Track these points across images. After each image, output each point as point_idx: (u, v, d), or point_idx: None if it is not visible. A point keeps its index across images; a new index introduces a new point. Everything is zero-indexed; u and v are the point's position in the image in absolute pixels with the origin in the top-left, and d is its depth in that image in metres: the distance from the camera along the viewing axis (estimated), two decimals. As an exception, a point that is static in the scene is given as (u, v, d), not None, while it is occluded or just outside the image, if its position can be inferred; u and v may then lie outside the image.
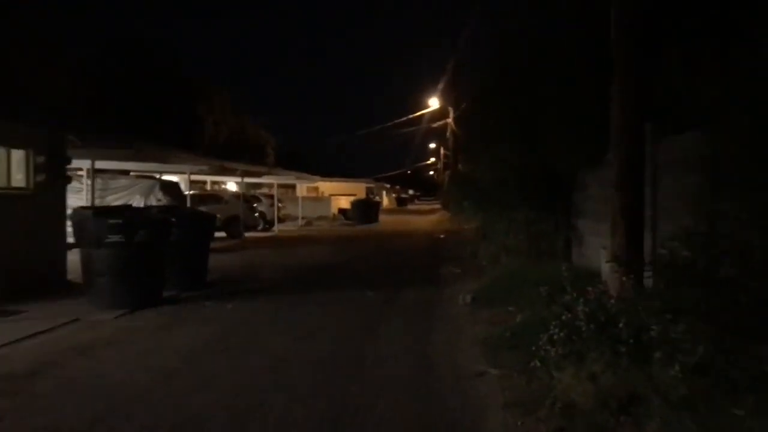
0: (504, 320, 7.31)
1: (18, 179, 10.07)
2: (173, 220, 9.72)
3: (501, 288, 9.01)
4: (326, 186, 48.61)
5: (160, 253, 8.94)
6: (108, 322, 7.94)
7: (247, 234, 24.25)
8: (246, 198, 25.32)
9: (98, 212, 9.28)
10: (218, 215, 24.14)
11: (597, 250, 9.34)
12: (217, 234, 23.51)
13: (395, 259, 15.89)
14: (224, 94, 32.27)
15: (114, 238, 8.34)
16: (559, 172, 10.03)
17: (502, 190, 10.35)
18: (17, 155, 10.04)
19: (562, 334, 4.61)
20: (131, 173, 19.61)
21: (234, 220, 23.25)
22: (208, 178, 28.11)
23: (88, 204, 17.70)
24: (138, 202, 17.76)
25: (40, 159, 10.31)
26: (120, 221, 8.44)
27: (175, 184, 18.62)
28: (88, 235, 8.52)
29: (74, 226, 9.24)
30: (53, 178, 10.66)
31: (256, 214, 25.36)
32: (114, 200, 17.69)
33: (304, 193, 45.94)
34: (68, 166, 11.36)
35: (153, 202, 17.84)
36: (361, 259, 15.80)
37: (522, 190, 10.20)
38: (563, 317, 4.73)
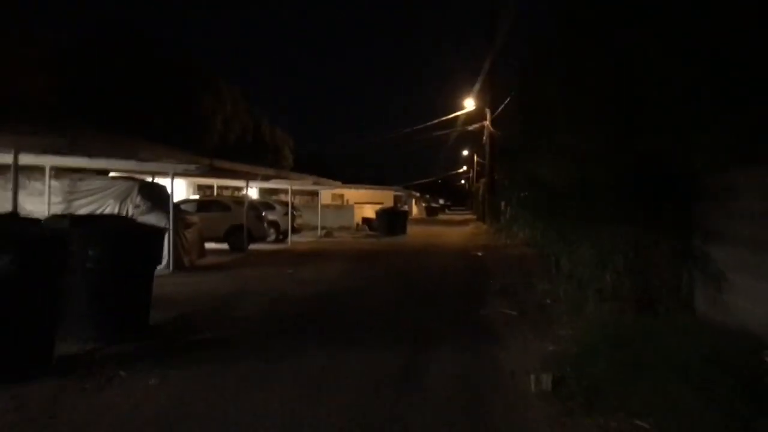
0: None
1: None
2: (85, 237, 6.40)
3: (601, 362, 5.44)
4: (351, 193, 45.31)
5: (39, 291, 5.54)
6: None
7: (255, 246, 21.01)
8: (253, 205, 22.05)
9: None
10: (220, 225, 21.26)
11: (752, 297, 5.79)
12: (218, 246, 20.39)
13: (424, 288, 12.34)
14: (235, 89, 29.09)
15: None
16: (673, 170, 6.49)
17: (581, 195, 6.76)
18: None
19: None
20: (111, 174, 16.44)
21: (237, 230, 20.02)
22: (215, 182, 24.96)
23: (53, 210, 14.66)
24: (112, 208, 14.56)
25: None
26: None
27: (159, 187, 15.36)
28: None
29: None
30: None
31: (265, 224, 22.05)
32: (82, 206, 14.50)
33: (328, 201, 42.77)
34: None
35: (130, 208, 14.62)
36: (380, 288, 12.28)
37: (618, 196, 6.63)
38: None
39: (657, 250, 6.69)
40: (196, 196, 23.40)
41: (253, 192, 36.34)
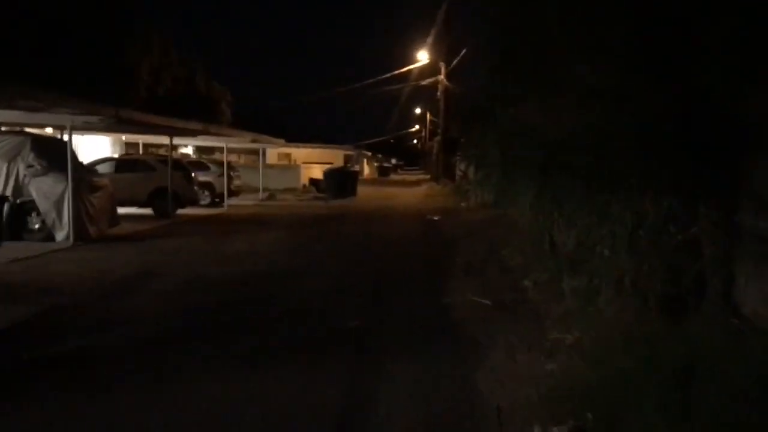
0: None
1: None
2: None
3: (644, 402, 3.54)
4: (299, 153, 42.72)
5: None
6: None
7: (186, 211, 18.60)
8: (181, 165, 19.52)
9: None
10: (142, 187, 18.68)
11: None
12: (142, 212, 17.94)
13: (374, 266, 10.34)
14: (166, 36, 26.05)
15: None
16: (723, 118, 4.58)
17: (593, 150, 4.77)
18: None
19: None
20: (1, 128, 13.74)
21: (162, 194, 17.55)
22: (140, 139, 22.22)
23: None
24: (-3, 169, 12.02)
25: None
26: None
27: (58, 144, 12.81)
28: None
29: None
30: None
31: (196, 186, 19.57)
32: (-39, 166, 11.93)
33: (275, 161, 40.14)
34: None
35: (21, 168, 12.09)
36: (319, 266, 10.18)
37: (642, 151, 4.68)
38: None
39: (693, 226, 4.80)
40: (111, 156, 20.59)
41: (189, 151, 33.54)
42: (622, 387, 3.87)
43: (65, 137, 17.80)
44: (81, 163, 14.06)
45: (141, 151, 22.81)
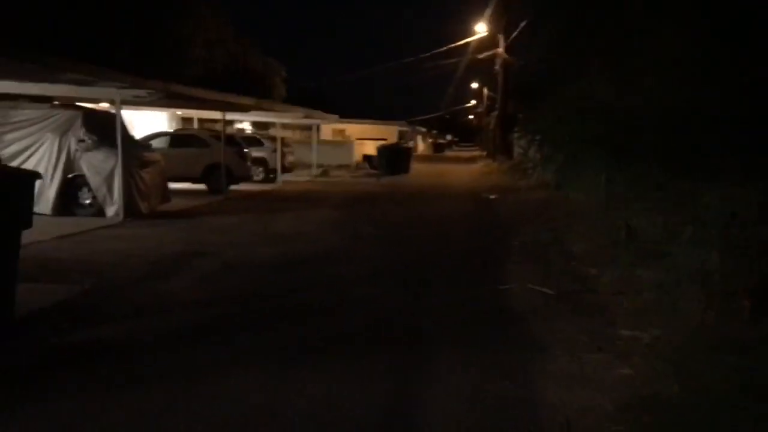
0: None
1: None
2: None
3: (728, 419, 2.99)
4: (353, 129, 42.25)
5: None
6: None
7: (240, 187, 18.50)
8: (235, 140, 19.36)
9: None
10: (196, 163, 18.62)
11: None
12: (195, 187, 17.89)
13: (425, 248, 9.86)
14: (220, 13, 25.83)
15: None
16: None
17: (687, 130, 4.12)
18: None
19: None
20: (55, 102, 13.73)
21: (216, 170, 17.43)
22: (195, 114, 22.17)
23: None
24: (50, 143, 11.99)
25: None
26: None
27: (109, 117, 12.67)
28: None
29: None
30: None
31: (249, 162, 19.39)
32: (15, 140, 11.93)
33: (329, 137, 39.87)
34: None
35: (72, 143, 12.03)
36: (368, 247, 9.75)
37: (740, 132, 4.02)
38: None
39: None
40: (166, 131, 20.54)
41: (247, 126, 33.56)
42: (711, 405, 3.30)
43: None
44: (133, 138, 14.00)
45: (197, 127, 22.80)
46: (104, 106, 15.42)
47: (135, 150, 12.91)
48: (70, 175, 12.01)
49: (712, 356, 3.88)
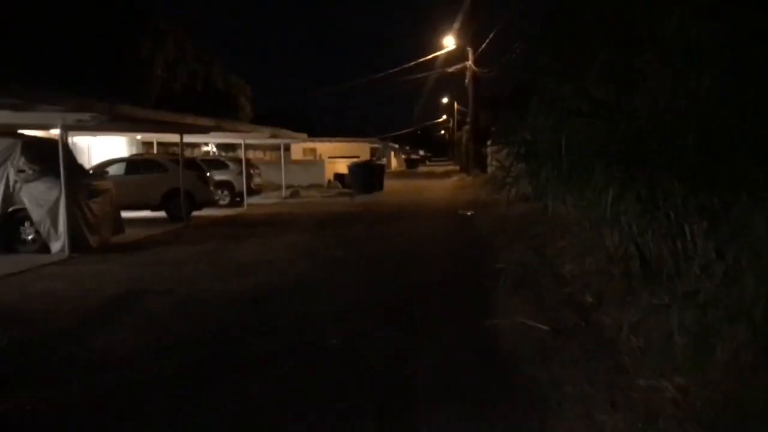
0: None
1: None
2: None
3: None
4: (324, 147, 41.36)
5: None
6: None
7: (204, 213, 17.48)
8: (195, 164, 18.36)
9: None
10: (155, 189, 17.51)
11: None
12: (155, 215, 16.85)
13: (401, 274, 9.02)
14: (180, 31, 24.85)
15: None
16: None
17: (707, 136, 3.34)
18: None
19: None
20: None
21: (175, 196, 16.39)
22: (154, 137, 21.11)
23: None
24: (-14, 175, 10.93)
25: None
26: None
27: (53, 144, 11.64)
28: None
29: None
30: None
31: (212, 187, 18.38)
32: (-53, 173, 10.86)
33: (300, 156, 38.93)
34: None
35: (11, 174, 10.98)
36: (339, 278, 8.84)
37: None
38: None
39: None
40: (125, 156, 19.41)
41: (212, 149, 32.50)
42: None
43: (73, 138, 16.90)
44: (81, 166, 12.99)
45: (156, 151, 21.75)
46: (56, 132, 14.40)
47: (82, 179, 11.90)
48: (10, 209, 10.97)
49: (764, 416, 3.07)
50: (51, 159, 11.00)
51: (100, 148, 20.10)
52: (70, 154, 11.68)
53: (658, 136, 3.56)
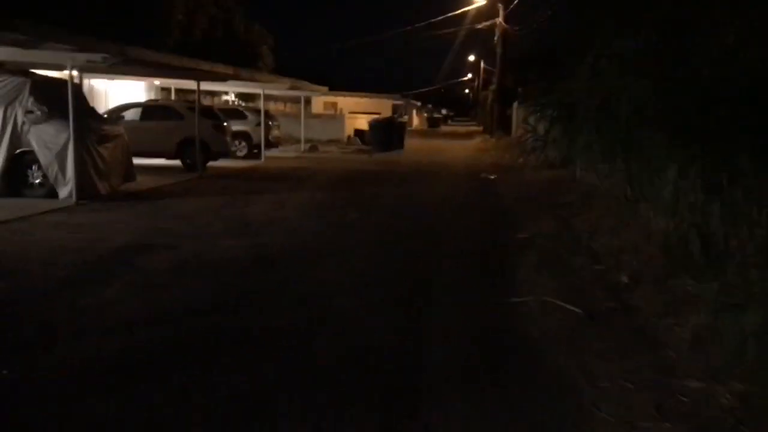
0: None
1: None
2: None
3: None
4: (346, 102, 40.57)
5: None
6: None
7: (220, 164, 17.04)
8: (212, 113, 17.83)
9: None
10: (170, 137, 17.04)
11: None
12: (170, 163, 16.46)
13: (417, 244, 8.52)
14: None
15: None
16: None
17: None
18: None
19: None
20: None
21: (190, 144, 15.94)
22: (172, 83, 20.59)
23: None
24: (-6, 114, 10.51)
25: None
26: None
27: (58, 84, 11.15)
28: None
29: None
30: None
31: (228, 137, 17.88)
32: (-46, 111, 10.45)
33: (321, 110, 38.23)
34: None
35: (19, 114, 10.55)
36: (350, 240, 8.38)
37: None
38: None
39: None
40: (140, 101, 18.88)
41: (232, 98, 31.91)
42: None
43: (90, 81, 16.41)
44: (92, 110, 12.50)
45: (174, 98, 21.24)
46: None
47: (93, 123, 11.43)
48: (17, 151, 10.57)
49: None
50: (62, 101, 10.52)
51: (118, 93, 19.62)
52: (80, 97, 11.19)
53: (731, 100, 2.99)
